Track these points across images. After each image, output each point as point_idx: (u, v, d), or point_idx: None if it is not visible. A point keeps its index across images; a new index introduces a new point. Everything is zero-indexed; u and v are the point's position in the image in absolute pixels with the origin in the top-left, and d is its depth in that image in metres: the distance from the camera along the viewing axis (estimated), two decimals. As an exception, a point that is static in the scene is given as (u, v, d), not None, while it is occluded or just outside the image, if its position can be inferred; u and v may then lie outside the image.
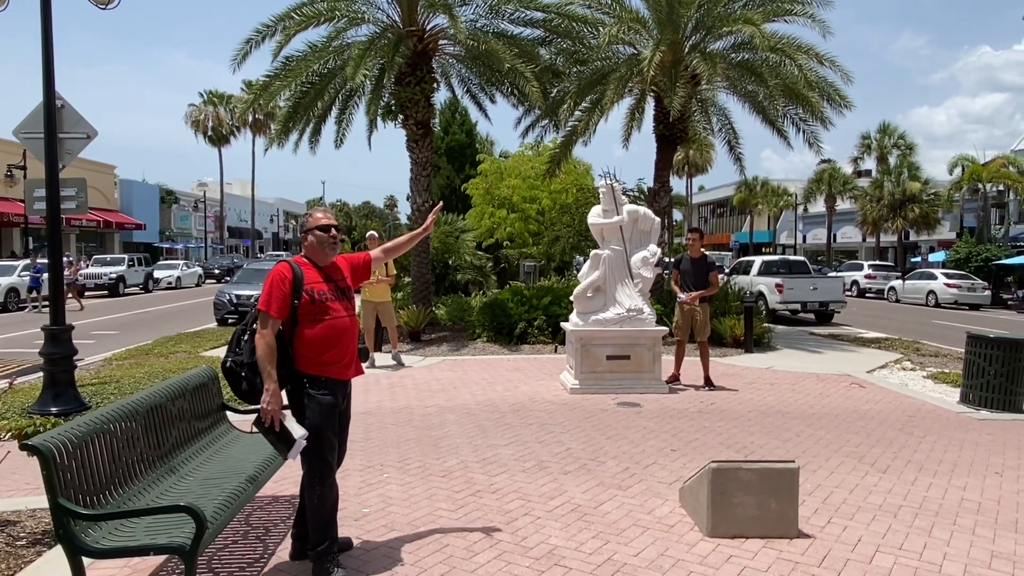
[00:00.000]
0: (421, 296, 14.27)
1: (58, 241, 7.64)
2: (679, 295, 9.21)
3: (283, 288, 3.66)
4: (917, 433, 6.96)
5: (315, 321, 3.71)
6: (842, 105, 14.13)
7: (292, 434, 3.60)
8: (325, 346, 3.72)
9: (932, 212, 39.27)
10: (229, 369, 3.79)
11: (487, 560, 3.99)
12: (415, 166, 14.50)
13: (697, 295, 9.07)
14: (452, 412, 7.67)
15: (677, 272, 9.40)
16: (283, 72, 13.46)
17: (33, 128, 7.82)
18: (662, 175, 15.10)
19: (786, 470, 4.34)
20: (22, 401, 7.66)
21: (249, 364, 3.68)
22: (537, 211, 22.14)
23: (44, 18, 7.35)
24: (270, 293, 3.66)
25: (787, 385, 9.43)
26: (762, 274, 20.10)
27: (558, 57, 14.83)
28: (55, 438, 3.16)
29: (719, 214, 73.72)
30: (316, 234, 3.84)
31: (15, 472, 5.45)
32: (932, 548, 4.24)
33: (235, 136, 52.81)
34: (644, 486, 5.27)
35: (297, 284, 3.69)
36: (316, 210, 3.96)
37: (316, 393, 3.71)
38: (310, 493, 3.72)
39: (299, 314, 3.69)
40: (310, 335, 3.70)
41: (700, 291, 9.10)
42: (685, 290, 9.16)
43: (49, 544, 4.09)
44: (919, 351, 13.04)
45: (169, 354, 11.85)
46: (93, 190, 9.68)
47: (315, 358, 3.71)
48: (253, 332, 3.70)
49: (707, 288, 9.18)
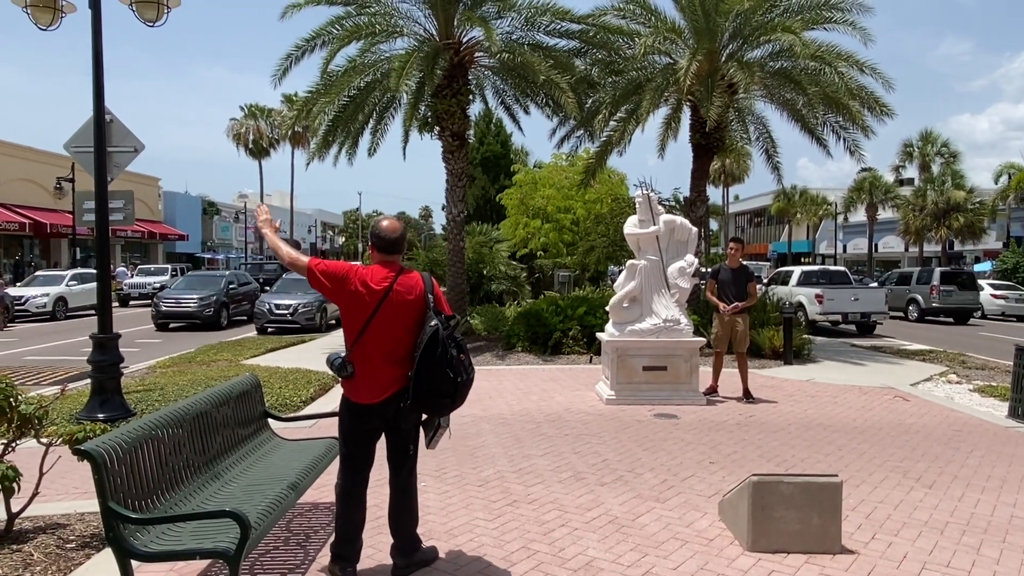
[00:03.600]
0: (456, 306, 14.34)
1: (106, 251, 7.87)
2: (718, 306, 9.09)
3: None
4: (964, 448, 6.78)
5: None
6: (883, 113, 13.91)
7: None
8: None
9: (977, 221, 38.30)
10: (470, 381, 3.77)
11: (525, 571, 3.99)
12: (450, 176, 14.62)
13: (736, 307, 8.97)
14: (488, 422, 7.69)
15: (714, 282, 9.29)
16: (324, 88, 13.69)
17: (83, 142, 8.06)
18: (698, 184, 15.01)
19: (829, 484, 4.27)
20: (70, 407, 7.88)
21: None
22: (571, 221, 22.15)
23: (94, 37, 7.59)
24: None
25: (828, 398, 9.26)
26: (801, 284, 19.78)
27: (593, 68, 14.87)
28: (106, 443, 3.25)
29: (756, 223, 72.79)
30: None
31: (63, 476, 5.60)
32: (981, 566, 4.13)
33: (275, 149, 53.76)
34: (682, 499, 5.22)
35: None
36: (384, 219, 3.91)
37: None
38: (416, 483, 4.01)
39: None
40: None
41: (739, 303, 9.00)
42: (723, 301, 9.06)
43: (97, 547, 4.20)
44: (965, 364, 12.70)
45: (211, 362, 12.09)
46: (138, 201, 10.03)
47: None
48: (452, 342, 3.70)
49: (746, 300, 9.07)
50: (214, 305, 19.14)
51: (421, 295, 3.73)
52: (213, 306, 19.11)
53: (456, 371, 3.64)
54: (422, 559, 3.96)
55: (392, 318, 3.67)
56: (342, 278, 3.72)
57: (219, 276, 21.86)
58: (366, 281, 3.69)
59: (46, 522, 4.60)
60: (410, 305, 3.70)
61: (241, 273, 24.15)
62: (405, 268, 3.82)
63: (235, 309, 20.61)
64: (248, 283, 22.55)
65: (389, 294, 3.67)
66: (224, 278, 21.07)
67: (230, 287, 20.56)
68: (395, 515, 3.90)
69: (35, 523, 4.55)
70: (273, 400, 8.24)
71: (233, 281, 21.22)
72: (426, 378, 3.62)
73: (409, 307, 3.69)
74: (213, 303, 19.16)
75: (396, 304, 3.67)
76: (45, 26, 7.83)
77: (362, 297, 3.67)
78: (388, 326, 3.67)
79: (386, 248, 3.79)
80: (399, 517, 3.90)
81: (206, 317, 18.84)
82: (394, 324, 3.67)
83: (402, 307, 3.69)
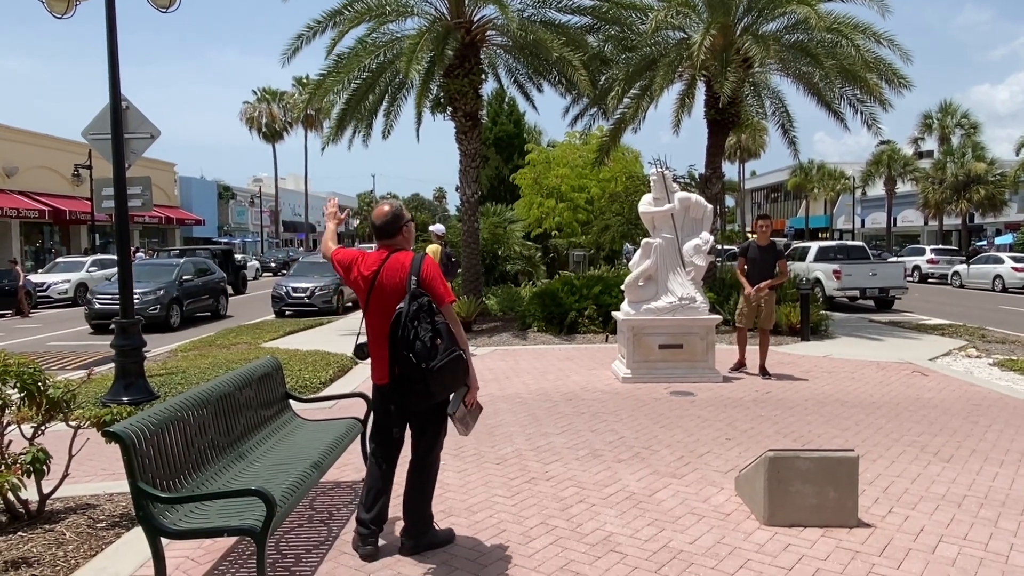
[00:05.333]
0: (472, 287, 14.40)
1: (126, 237, 7.96)
2: (745, 286, 9.00)
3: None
4: (983, 422, 6.77)
5: None
6: (901, 85, 13.68)
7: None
8: None
9: (999, 193, 37.74)
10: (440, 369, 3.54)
11: (544, 546, 4.06)
12: (464, 157, 14.60)
13: (766, 285, 8.85)
14: (505, 401, 7.76)
15: (743, 260, 9.19)
16: (335, 69, 13.67)
17: (100, 129, 8.15)
18: (714, 161, 14.89)
19: (846, 459, 4.29)
20: (96, 391, 8.03)
21: (457, 356, 3.58)
22: (586, 200, 22.07)
23: (109, 25, 7.63)
24: (444, 283, 3.76)
25: (846, 373, 9.24)
26: (819, 260, 19.64)
27: (606, 44, 14.73)
28: (134, 426, 3.33)
29: (773, 199, 72.12)
30: (411, 225, 3.98)
31: (91, 459, 5.72)
32: (998, 539, 4.14)
33: (288, 132, 53.99)
34: (699, 475, 5.26)
35: None
36: (385, 203, 4.02)
37: None
38: (435, 470, 4.02)
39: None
40: None
41: (768, 281, 8.87)
42: (752, 279, 8.96)
43: (127, 526, 4.31)
44: (984, 338, 12.60)
45: (231, 345, 12.25)
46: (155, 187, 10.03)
47: None
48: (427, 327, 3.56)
49: (775, 277, 8.99)
50: (161, 301, 15.78)
51: (405, 278, 3.72)
52: (160, 303, 15.75)
53: (420, 356, 3.53)
54: (430, 542, 3.98)
55: (381, 301, 3.78)
56: (348, 265, 3.93)
57: (171, 265, 17.93)
58: (361, 267, 3.87)
59: (76, 503, 4.72)
60: (396, 288, 3.73)
61: (202, 260, 20.24)
62: (398, 250, 3.86)
63: (192, 305, 17.25)
64: (211, 272, 19.16)
65: (376, 278, 3.78)
66: (177, 267, 17.41)
67: (184, 279, 17.08)
68: (405, 495, 3.98)
69: (66, 504, 4.68)
70: (293, 382, 8.35)
71: (189, 271, 17.61)
72: (395, 363, 3.68)
73: (395, 290, 3.73)
74: (160, 299, 15.80)
75: (383, 288, 3.77)
76: (60, 14, 7.89)
77: (359, 283, 3.86)
78: (380, 309, 3.77)
79: (376, 234, 3.94)
80: (406, 497, 3.98)
81: (151, 316, 15.04)
82: (385, 307, 3.74)
83: (389, 290, 3.75)
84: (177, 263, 18.08)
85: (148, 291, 15.58)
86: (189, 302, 17.10)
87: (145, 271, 16.67)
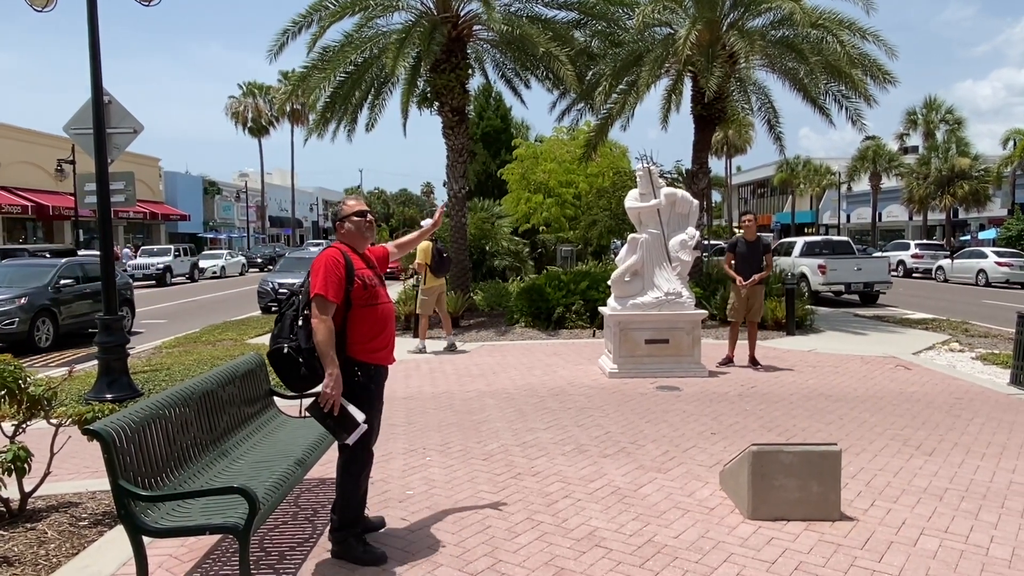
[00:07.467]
0: (459, 282, 14.36)
1: (109, 233, 7.89)
2: (735, 279, 9.24)
3: (338, 272, 3.64)
4: (965, 415, 6.83)
5: (365, 307, 3.74)
6: (886, 81, 13.76)
7: (355, 418, 3.61)
8: (375, 332, 3.77)
9: (982, 189, 38.08)
10: (286, 355, 3.67)
11: (528, 541, 4.06)
12: (451, 152, 14.56)
13: (759, 278, 9.14)
14: (492, 397, 7.76)
15: (731, 255, 9.40)
16: (320, 63, 13.60)
17: (82, 124, 8.05)
18: (700, 156, 14.92)
19: (828, 453, 4.32)
20: (78, 388, 7.96)
21: (307, 349, 3.63)
22: (573, 195, 22.04)
23: (90, 18, 7.54)
24: (326, 277, 3.59)
25: (830, 367, 9.31)
26: (804, 255, 19.76)
27: (593, 39, 14.73)
28: (115, 423, 3.30)
29: (759, 194, 72.51)
30: (353, 220, 3.86)
31: (74, 456, 5.68)
32: (979, 531, 4.19)
33: (274, 127, 53.57)
34: (684, 469, 5.29)
35: (350, 269, 3.68)
36: (348, 198, 4.00)
37: (367, 382, 3.78)
38: (349, 479, 3.79)
39: (352, 299, 3.70)
40: (361, 321, 3.73)
41: (757, 274, 9.14)
42: (741, 274, 9.19)
43: (110, 524, 4.28)
44: (968, 332, 12.73)
45: (216, 341, 12.18)
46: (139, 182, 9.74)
47: (366, 344, 3.76)
48: (307, 317, 3.66)
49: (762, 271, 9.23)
50: (25, 313, 12.07)
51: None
52: (21, 314, 12.03)
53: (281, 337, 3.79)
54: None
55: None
56: None
57: (48, 267, 13.68)
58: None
59: (58, 501, 4.68)
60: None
61: (92, 261, 14.97)
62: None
63: (70, 319, 13.05)
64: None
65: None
66: (54, 270, 13.29)
67: (61, 284, 13.03)
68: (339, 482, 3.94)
69: (48, 502, 4.64)
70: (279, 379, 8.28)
71: (70, 275, 13.42)
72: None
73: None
74: (22, 310, 12.08)
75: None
76: (40, 7, 7.79)
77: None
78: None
79: None
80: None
81: (8, 334, 11.78)
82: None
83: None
84: (55, 265, 13.74)
85: (6, 300, 12.13)
86: (67, 316, 13.01)
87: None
